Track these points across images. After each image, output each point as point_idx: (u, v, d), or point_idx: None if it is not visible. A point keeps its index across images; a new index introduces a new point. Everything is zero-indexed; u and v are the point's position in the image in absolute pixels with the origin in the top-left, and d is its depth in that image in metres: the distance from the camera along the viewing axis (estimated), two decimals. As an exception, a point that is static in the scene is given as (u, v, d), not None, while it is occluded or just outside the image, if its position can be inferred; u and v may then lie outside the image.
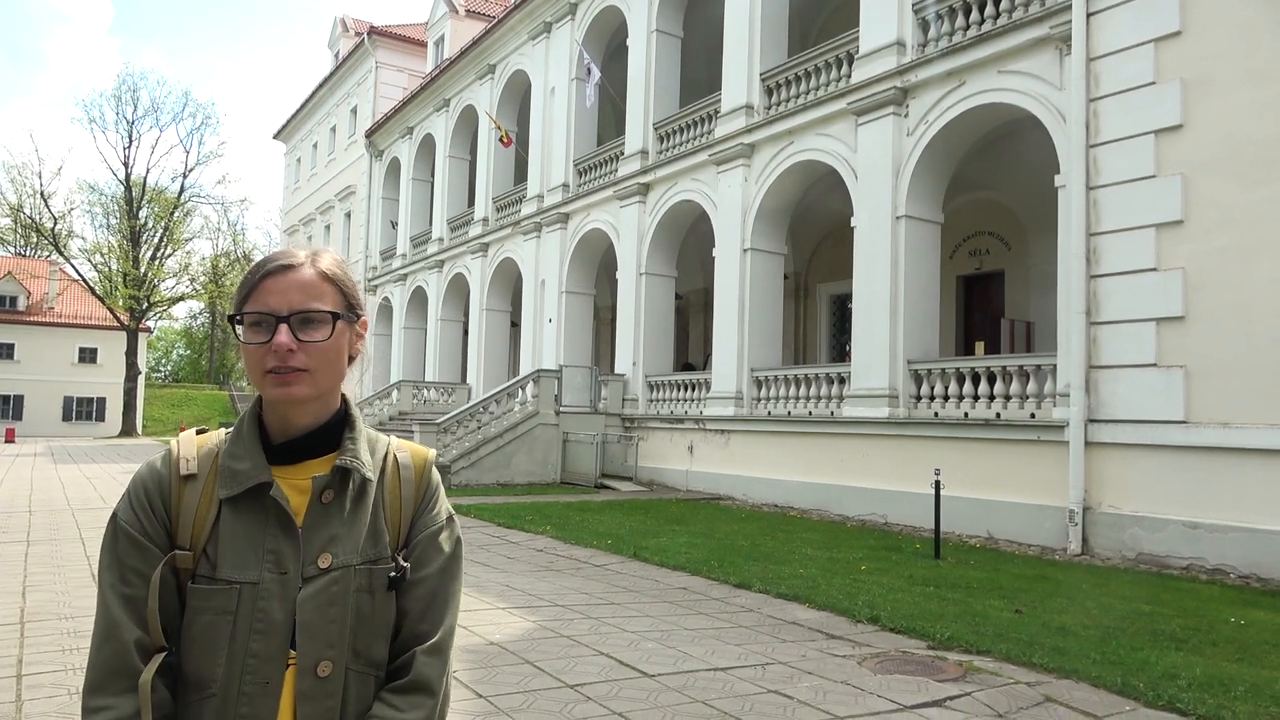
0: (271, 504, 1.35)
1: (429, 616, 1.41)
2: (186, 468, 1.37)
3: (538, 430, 17.88)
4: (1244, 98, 9.00)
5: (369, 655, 1.37)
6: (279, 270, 1.38)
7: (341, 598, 1.34)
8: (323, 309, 1.37)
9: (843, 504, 13.38)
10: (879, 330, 12.97)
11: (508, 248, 24.17)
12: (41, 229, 50.60)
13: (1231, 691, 4.95)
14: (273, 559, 1.33)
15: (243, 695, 1.29)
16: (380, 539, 1.41)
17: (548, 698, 4.68)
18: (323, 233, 39.37)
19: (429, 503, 1.48)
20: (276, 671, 1.31)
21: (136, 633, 1.30)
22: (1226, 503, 8.86)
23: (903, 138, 13.01)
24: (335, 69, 38.59)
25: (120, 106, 56.76)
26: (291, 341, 1.33)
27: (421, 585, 1.42)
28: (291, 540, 1.34)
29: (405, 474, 1.47)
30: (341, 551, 1.36)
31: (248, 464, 1.36)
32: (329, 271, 1.41)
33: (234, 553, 1.33)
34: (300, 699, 1.31)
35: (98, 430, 51.93)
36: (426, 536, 1.45)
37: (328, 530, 1.37)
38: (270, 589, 1.32)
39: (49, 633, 5.89)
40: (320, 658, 1.32)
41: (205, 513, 1.35)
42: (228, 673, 1.30)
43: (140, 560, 1.33)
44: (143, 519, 1.34)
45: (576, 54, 21.13)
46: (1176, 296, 9.37)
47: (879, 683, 5.12)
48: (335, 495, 1.39)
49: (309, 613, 1.32)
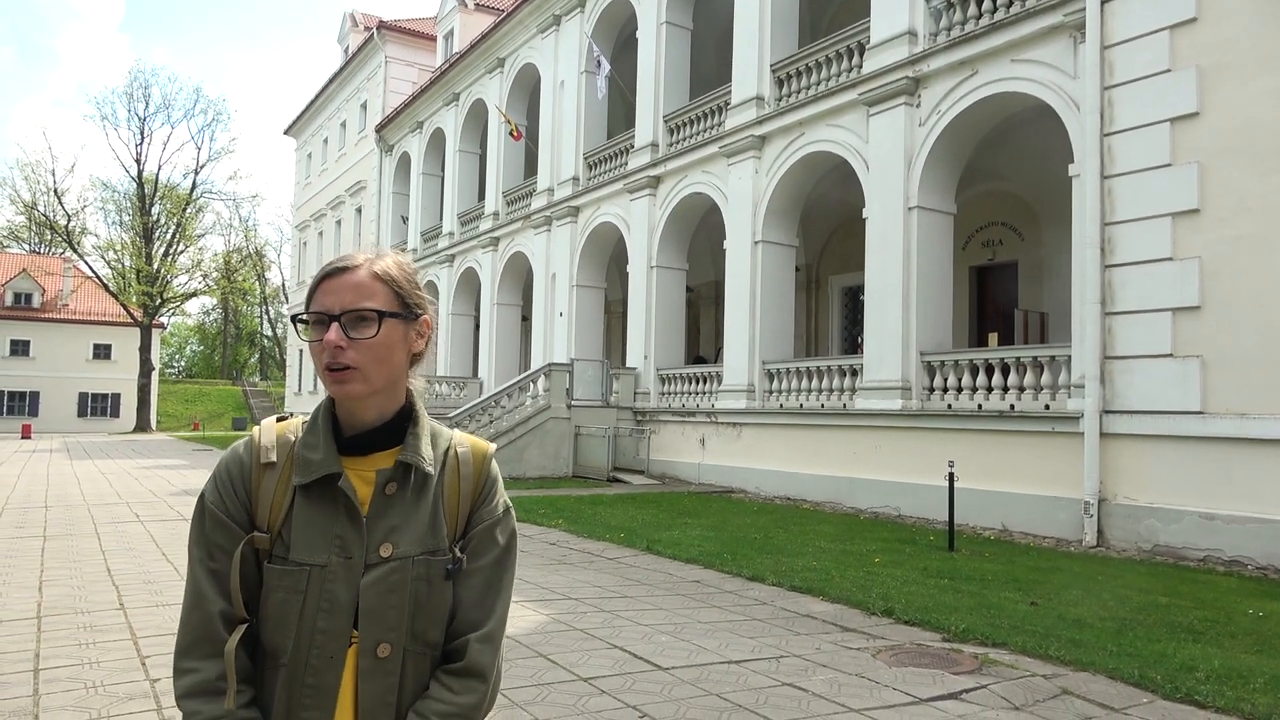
0: (340, 493, 1.44)
1: (483, 605, 1.50)
2: (266, 455, 1.47)
3: (549, 424, 17.89)
4: (1261, 84, 8.89)
5: (426, 638, 1.46)
6: (336, 273, 1.46)
7: (401, 586, 1.43)
8: (371, 307, 1.44)
9: (855, 496, 13.34)
10: (891, 322, 12.91)
11: (518, 242, 24.18)
12: (55, 226, 50.96)
13: (1250, 683, 4.91)
14: (339, 545, 1.43)
15: (310, 667, 1.40)
16: (439, 531, 1.49)
17: (561, 690, 4.68)
18: (334, 228, 39.48)
19: (486, 496, 1.56)
20: (340, 648, 1.41)
21: (221, 604, 1.41)
22: (1244, 494, 8.78)
23: (914, 128, 12.92)
24: (345, 64, 38.64)
25: (132, 103, 57.09)
26: (341, 339, 1.41)
27: (476, 575, 1.51)
28: (357, 528, 1.44)
29: (465, 469, 1.55)
30: (402, 542, 1.45)
31: (320, 454, 1.45)
32: (381, 272, 1.48)
33: (305, 537, 1.43)
34: (362, 677, 1.42)
35: (112, 426, 52.28)
36: (483, 529, 1.54)
37: (389, 521, 1.46)
38: (336, 572, 1.42)
39: (66, 627, 5.93)
40: (380, 640, 1.42)
41: (281, 498, 1.45)
42: (296, 646, 1.41)
43: (224, 538, 1.44)
44: (226, 500, 1.45)
45: (586, 47, 21.08)
46: (1193, 286, 9.28)
47: (893, 675, 5.09)
48: (398, 488, 1.47)
49: (371, 599, 1.42)
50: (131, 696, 4.50)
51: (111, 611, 6.40)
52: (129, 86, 66.23)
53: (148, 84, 61.77)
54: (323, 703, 1.41)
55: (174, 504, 13.43)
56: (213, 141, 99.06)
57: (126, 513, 12.29)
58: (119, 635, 5.73)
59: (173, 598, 6.86)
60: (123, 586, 7.28)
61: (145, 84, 65.28)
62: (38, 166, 63.91)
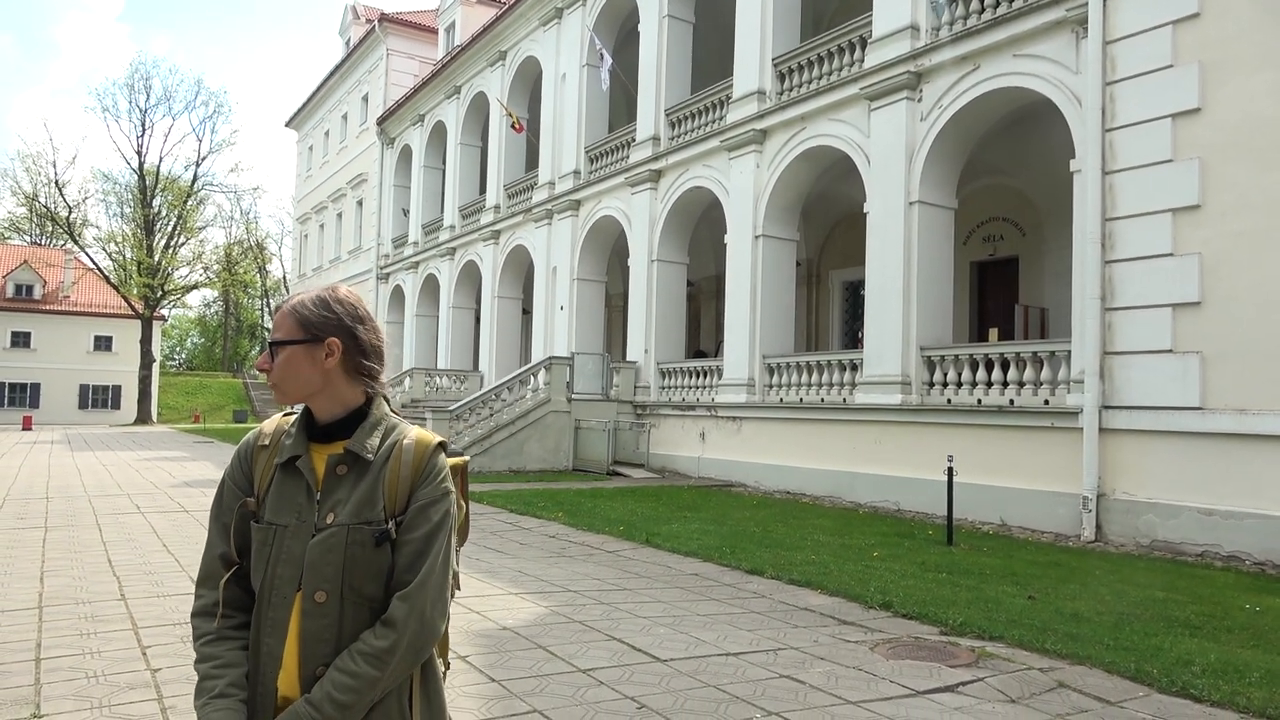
0: (301, 471, 1.81)
1: (412, 569, 1.77)
2: (263, 439, 1.89)
3: (550, 417, 17.91)
4: (1262, 80, 8.89)
5: (362, 591, 1.76)
6: (277, 310, 1.90)
7: (337, 547, 1.75)
8: (279, 338, 1.82)
9: (855, 491, 13.36)
10: (892, 317, 12.92)
11: (519, 235, 24.17)
12: (56, 218, 50.94)
13: (1246, 678, 4.93)
14: (298, 511, 1.78)
15: (271, 604, 1.76)
16: (375, 506, 1.78)
17: (560, 682, 4.70)
18: (335, 220, 39.46)
19: (426, 479, 1.82)
20: (290, 592, 1.75)
21: (222, 548, 1.83)
22: (1242, 489, 8.80)
23: (916, 123, 12.91)
24: (346, 56, 38.58)
25: (133, 95, 57.08)
26: (265, 361, 1.84)
27: (408, 545, 1.78)
28: (310, 499, 1.79)
29: (405, 457, 1.83)
30: (343, 513, 1.77)
31: (292, 441, 1.84)
32: (294, 307, 1.85)
33: (276, 503, 1.80)
34: (303, 616, 1.75)
35: (113, 418, 52.31)
36: (417, 508, 1.80)
37: (336, 495, 1.79)
38: (294, 532, 1.77)
39: (67, 617, 5.95)
40: (317, 588, 1.74)
41: (267, 472, 1.84)
42: (264, 586, 1.77)
43: (232, 500, 1.85)
44: (236, 471, 1.88)
45: (588, 40, 21.05)
46: (1193, 282, 9.29)
47: (891, 668, 5.12)
48: (347, 470, 1.81)
49: (314, 555, 1.75)
50: (133, 686, 4.53)
51: (112, 602, 6.42)
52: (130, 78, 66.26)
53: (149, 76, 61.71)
54: (276, 633, 1.75)
55: (175, 496, 13.45)
56: (214, 134, 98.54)
57: (127, 504, 12.31)
58: (120, 625, 5.75)
59: (173, 588, 6.89)
60: (124, 577, 7.31)
61: (146, 76, 65.13)
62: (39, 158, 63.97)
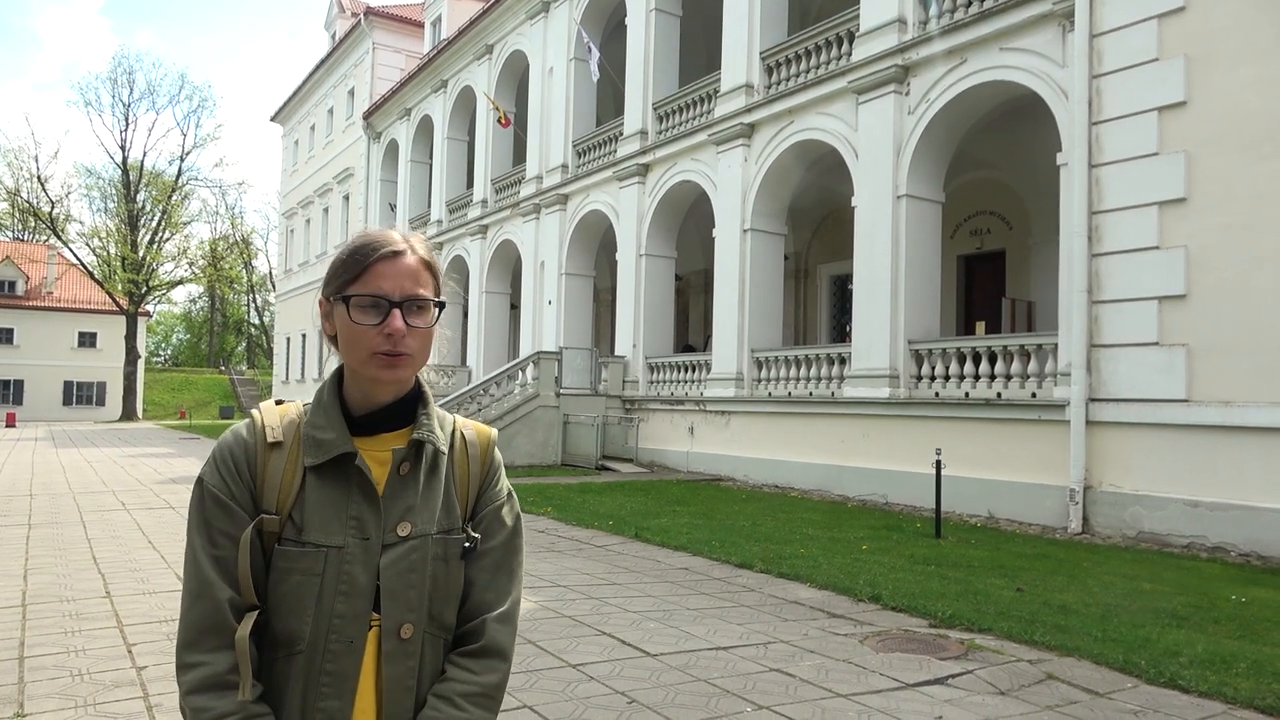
0: (355, 473, 1.42)
1: (495, 585, 1.51)
2: (273, 435, 1.43)
3: (538, 412, 17.87)
4: (1248, 73, 8.92)
5: (442, 620, 1.46)
6: (391, 255, 1.44)
7: (421, 565, 1.43)
8: (428, 296, 1.46)
9: (843, 484, 13.38)
10: (879, 310, 12.94)
11: (507, 229, 24.09)
12: (39, 213, 50.44)
13: (1233, 668, 4.95)
14: (356, 525, 1.40)
15: (328, 653, 1.37)
16: (453, 510, 1.50)
17: (550, 677, 4.69)
18: (321, 215, 39.24)
19: (492, 478, 1.58)
20: (360, 632, 1.39)
21: (228, 592, 1.36)
22: (1228, 481, 8.85)
23: (904, 116, 12.92)
24: (332, 50, 38.32)
25: (116, 89, 56.76)
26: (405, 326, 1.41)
27: (487, 556, 1.51)
28: (373, 508, 1.41)
29: (472, 450, 1.56)
30: (419, 521, 1.44)
31: (332, 435, 1.43)
32: (428, 259, 1.50)
33: (320, 518, 1.39)
34: (386, 659, 1.40)
35: (98, 414, 51.98)
36: (491, 510, 1.55)
37: (406, 500, 1.44)
38: (354, 554, 1.39)
39: (51, 615, 5.89)
40: (403, 621, 1.41)
41: (291, 479, 1.41)
42: (315, 631, 1.37)
43: (228, 523, 1.39)
44: (230, 483, 1.40)
45: (575, 34, 20.97)
46: (1179, 275, 9.33)
47: (881, 661, 5.12)
48: (412, 467, 1.46)
49: (392, 578, 1.40)
50: (118, 684, 4.49)
51: (97, 599, 6.37)
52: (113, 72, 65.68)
53: (132, 70, 61.09)
54: (342, 690, 1.37)
55: (160, 492, 13.36)
56: (198, 128, 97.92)
57: (113, 501, 12.22)
58: (105, 623, 5.70)
59: (159, 585, 6.83)
60: (109, 574, 7.25)
61: (129, 70, 64.64)
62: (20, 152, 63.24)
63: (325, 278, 1.49)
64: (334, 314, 1.45)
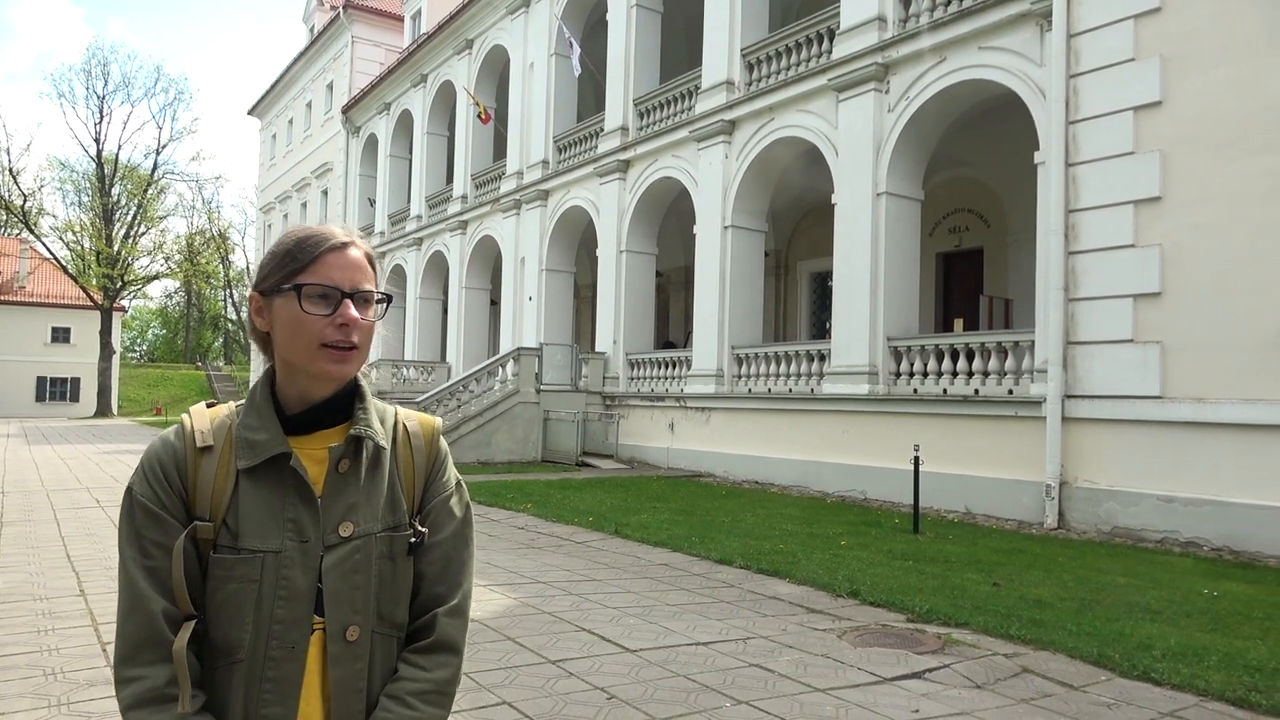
0: (290, 474, 1.39)
1: (445, 579, 1.48)
2: (203, 440, 1.39)
3: (518, 408, 17.83)
4: (1222, 74, 9.03)
5: (391, 618, 1.43)
6: (340, 246, 1.43)
7: (365, 565, 1.40)
8: (374, 289, 1.44)
9: (823, 480, 13.44)
10: (859, 307, 13.00)
11: (487, 225, 24.00)
12: (11, 206, 49.71)
13: (1205, 661, 5.02)
14: (294, 528, 1.37)
15: (269, 660, 1.34)
16: (398, 506, 1.46)
17: (530, 673, 4.68)
18: (299, 210, 38.94)
19: (439, 470, 1.54)
20: (302, 637, 1.36)
21: (162, 603, 1.33)
22: (1200, 476, 8.97)
23: (884, 114, 12.98)
24: (310, 44, 38.04)
25: (90, 81, 55.95)
26: (357, 317, 1.40)
27: (437, 549, 1.49)
28: (311, 509, 1.39)
29: (416, 442, 1.52)
30: (362, 519, 1.41)
31: (265, 435, 1.39)
32: (371, 254, 1.49)
33: (255, 523, 1.36)
34: (331, 663, 1.37)
35: (72, 410, 51.32)
36: (439, 502, 1.51)
37: (346, 499, 1.41)
38: (292, 557, 1.36)
39: (23, 614, 5.82)
40: (348, 623, 1.38)
41: (224, 484, 1.38)
42: (254, 638, 1.34)
43: (159, 533, 1.35)
44: (159, 492, 1.36)
45: (555, 29, 20.91)
46: (1153, 273, 9.43)
47: (859, 655, 5.16)
48: (351, 464, 1.43)
49: (335, 580, 1.38)
50: (92, 683, 4.44)
51: (71, 598, 6.30)
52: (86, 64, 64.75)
53: (106, 61, 60.35)
54: (285, 696, 1.35)
55: (136, 489, 13.21)
56: (174, 121, 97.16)
57: (87, 498, 12.08)
58: (79, 621, 5.64)
59: (134, 583, 6.76)
60: (83, 572, 7.17)
61: (104, 61, 63.68)
62: (-8, 145, 62.24)
63: (263, 272, 1.44)
64: (274, 307, 1.41)
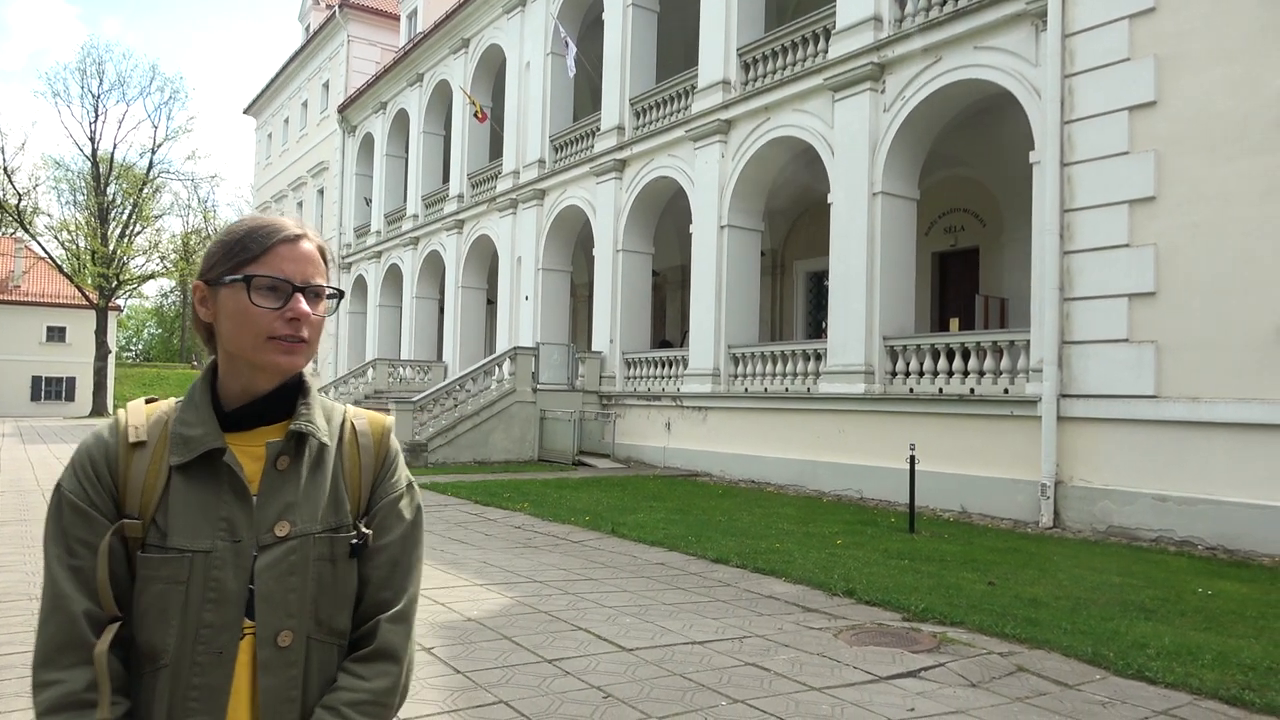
0: (224, 470, 1.32)
1: (391, 584, 1.41)
2: (135, 435, 1.34)
3: (515, 408, 17.83)
4: (1216, 74, 9.05)
5: (331, 624, 1.36)
6: (292, 238, 1.38)
7: (301, 567, 1.33)
8: (325, 284, 1.40)
9: (819, 479, 13.46)
10: (855, 307, 13.01)
11: (483, 225, 23.99)
12: (5, 205, 49.55)
13: (1199, 660, 5.04)
14: (225, 527, 1.31)
15: (195, 665, 1.27)
16: (341, 506, 1.39)
17: (526, 672, 4.69)
18: (295, 210, 38.88)
19: (389, 470, 1.47)
20: (230, 641, 1.29)
21: (85, 604, 1.26)
22: (1195, 476, 8.99)
23: (879, 114, 12.99)
24: (306, 43, 37.98)
25: (85, 80, 55.56)
26: (308, 311, 1.36)
27: (383, 553, 1.41)
28: (245, 508, 1.32)
29: (364, 441, 1.46)
30: (300, 519, 1.35)
31: (199, 430, 1.33)
32: (324, 247, 1.45)
33: (185, 521, 1.30)
34: (261, 669, 1.30)
35: (68, 410, 51.20)
36: (387, 504, 1.44)
37: (284, 497, 1.35)
38: (223, 558, 1.29)
39: (19, 613, 5.82)
40: (280, 628, 1.31)
41: (155, 480, 1.32)
42: (180, 643, 1.27)
43: (86, 530, 1.29)
44: (88, 488, 1.30)
45: (552, 28, 20.91)
46: (1148, 272, 9.46)
47: (854, 654, 5.17)
48: (291, 461, 1.37)
49: (268, 582, 1.31)
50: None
51: (67, 597, 6.28)
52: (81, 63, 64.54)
53: (101, 60, 60.23)
54: (212, 705, 1.27)
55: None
56: (170, 120, 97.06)
57: (82, 498, 12.05)
58: (75, 621, 5.63)
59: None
60: (79, 572, 7.15)
61: (99, 60, 63.44)
62: (-13, 143, 62.09)
63: (210, 261, 1.38)
64: (220, 297, 1.36)
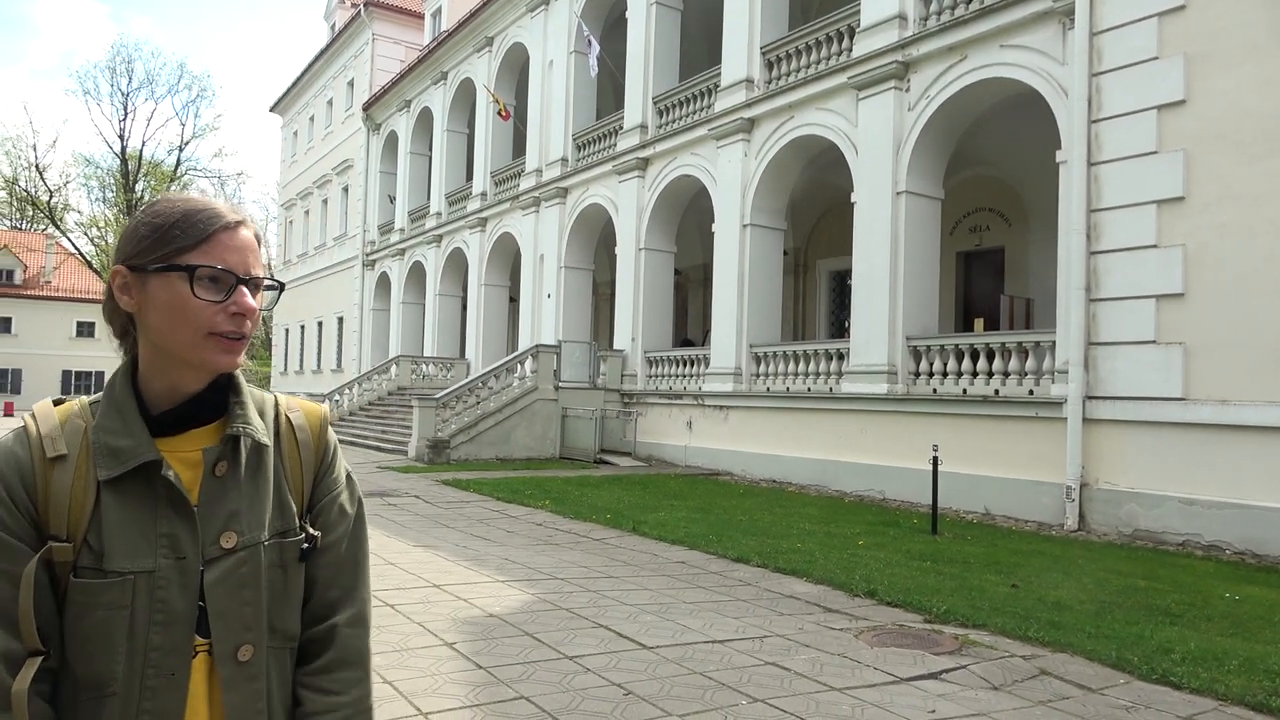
0: (161, 483, 1.21)
1: (339, 583, 1.35)
2: (53, 448, 1.20)
3: (537, 405, 17.89)
4: (1246, 72, 8.93)
5: (285, 630, 1.30)
6: (233, 225, 1.26)
7: (253, 578, 1.24)
8: (263, 275, 1.29)
9: (840, 479, 13.42)
10: (878, 306, 12.96)
11: (506, 222, 24.08)
12: (37, 202, 50.42)
13: (1225, 666, 4.99)
14: (168, 544, 1.20)
15: (146, 690, 1.18)
16: (287, 509, 1.31)
17: (547, 669, 4.72)
18: (320, 207, 39.19)
19: (329, 465, 1.39)
20: (182, 663, 1.20)
21: (3, 640, 1.12)
22: (1223, 479, 8.89)
23: (904, 112, 12.92)
24: (331, 41, 38.24)
25: (115, 78, 56.53)
26: (255, 306, 1.26)
27: (329, 551, 1.34)
28: (187, 521, 1.21)
29: (302, 436, 1.36)
30: (246, 528, 1.25)
31: (128, 440, 1.21)
32: (261, 236, 1.34)
33: (122, 540, 1.18)
34: (226, 687, 1.22)
35: (96, 404, 51.97)
36: (329, 500, 1.37)
37: (227, 506, 1.25)
38: (168, 577, 1.19)
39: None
40: (240, 642, 1.23)
41: (82, 497, 1.19)
42: (128, 669, 1.17)
43: (4, 559, 1.15)
44: (2, 512, 1.16)
45: (575, 27, 20.94)
46: (1176, 273, 9.35)
47: (875, 655, 5.16)
48: (230, 466, 1.26)
49: (220, 598, 1.22)
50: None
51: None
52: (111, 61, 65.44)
53: (130, 59, 61.20)
54: None
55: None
56: (197, 118, 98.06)
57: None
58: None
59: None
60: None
61: (128, 59, 64.57)
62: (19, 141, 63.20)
63: (136, 244, 1.24)
64: (150, 286, 1.22)
